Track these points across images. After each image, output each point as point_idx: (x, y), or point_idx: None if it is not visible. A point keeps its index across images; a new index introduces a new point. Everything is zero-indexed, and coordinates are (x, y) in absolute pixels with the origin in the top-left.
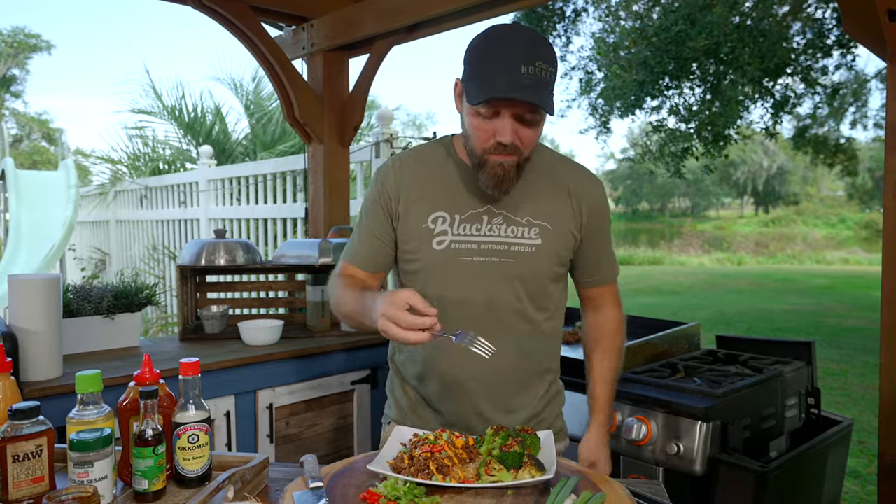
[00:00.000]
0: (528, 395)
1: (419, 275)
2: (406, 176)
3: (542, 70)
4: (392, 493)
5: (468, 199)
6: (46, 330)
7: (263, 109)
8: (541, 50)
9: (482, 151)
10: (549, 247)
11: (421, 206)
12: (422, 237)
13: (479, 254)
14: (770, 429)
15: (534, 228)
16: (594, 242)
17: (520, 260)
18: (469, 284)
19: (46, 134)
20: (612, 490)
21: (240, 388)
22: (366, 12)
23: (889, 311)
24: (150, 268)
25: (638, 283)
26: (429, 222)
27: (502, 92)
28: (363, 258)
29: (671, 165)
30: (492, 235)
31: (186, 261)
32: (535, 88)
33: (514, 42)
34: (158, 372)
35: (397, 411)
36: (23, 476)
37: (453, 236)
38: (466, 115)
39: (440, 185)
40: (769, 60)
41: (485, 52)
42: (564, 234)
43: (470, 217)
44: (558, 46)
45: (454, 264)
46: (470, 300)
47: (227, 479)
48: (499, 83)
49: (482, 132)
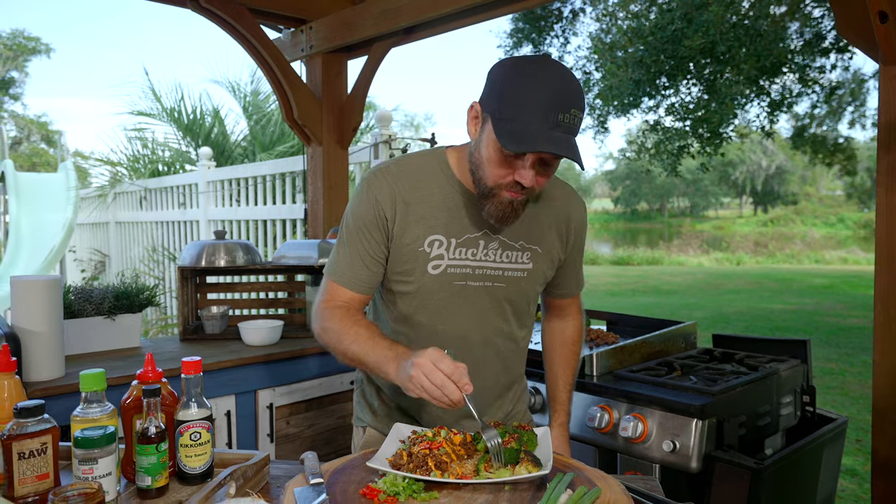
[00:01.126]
0: (504, 399)
1: (411, 297)
2: (401, 194)
3: (575, 117)
4: (391, 489)
5: (466, 222)
6: (48, 331)
7: (261, 111)
8: (576, 94)
9: (494, 186)
10: (539, 270)
11: (418, 227)
12: (417, 260)
13: (473, 278)
14: (766, 426)
15: (526, 253)
16: (572, 258)
17: (511, 284)
18: (460, 309)
19: (45, 136)
20: (607, 485)
21: (240, 388)
22: (364, 14)
23: (882, 310)
24: (149, 269)
25: (636, 283)
26: (425, 245)
27: (540, 145)
28: (361, 282)
29: (668, 164)
30: (487, 261)
31: (187, 262)
32: (568, 139)
33: (550, 84)
34: (161, 371)
35: (373, 417)
36: (28, 473)
37: (449, 260)
38: (485, 147)
39: (437, 206)
40: (765, 59)
41: (519, 89)
42: (552, 256)
43: (466, 241)
44: (556, 47)
45: (448, 288)
46: (460, 324)
47: (229, 476)
48: (535, 133)
49: (501, 169)
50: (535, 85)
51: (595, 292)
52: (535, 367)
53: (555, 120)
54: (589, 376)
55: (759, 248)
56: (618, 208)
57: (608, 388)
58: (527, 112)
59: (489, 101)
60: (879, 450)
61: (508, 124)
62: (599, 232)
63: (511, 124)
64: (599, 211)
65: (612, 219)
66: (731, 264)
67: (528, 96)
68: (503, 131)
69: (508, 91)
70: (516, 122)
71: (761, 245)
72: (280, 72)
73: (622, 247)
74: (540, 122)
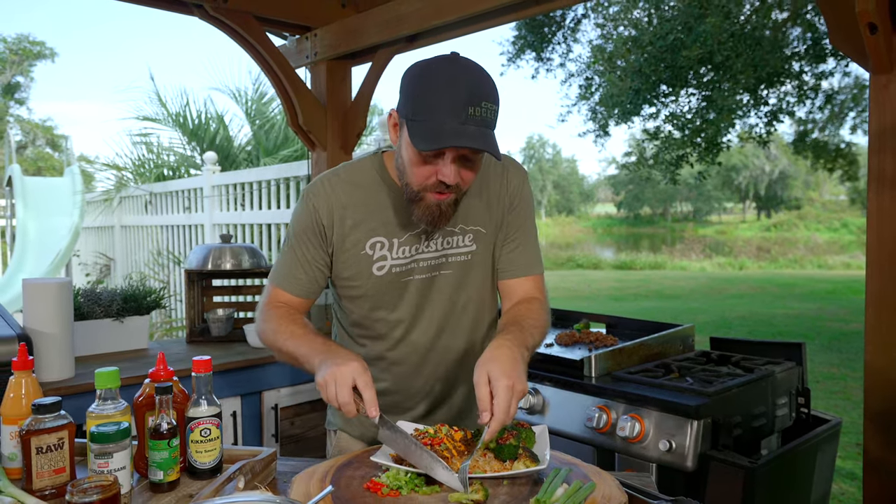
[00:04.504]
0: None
1: (362, 300)
2: (339, 200)
3: (487, 109)
4: (394, 483)
5: (405, 221)
6: (59, 332)
7: (265, 116)
8: (486, 87)
9: (420, 189)
10: (485, 249)
11: (357, 232)
12: (361, 263)
13: (418, 272)
14: (761, 427)
15: (468, 235)
16: (516, 226)
17: (457, 268)
18: (414, 304)
19: (51, 140)
20: (602, 480)
21: (246, 389)
22: (368, 23)
23: (873, 312)
24: (154, 273)
25: (639, 288)
26: (367, 248)
27: (451, 140)
28: (301, 285)
29: (666, 173)
30: (429, 251)
31: (193, 265)
32: (482, 132)
33: (458, 80)
34: (172, 370)
35: (343, 421)
36: (45, 467)
37: (393, 260)
38: (405, 150)
39: (375, 209)
40: (762, 69)
41: (427, 90)
42: (496, 232)
43: (408, 239)
44: (558, 54)
45: (397, 286)
46: (418, 318)
47: (238, 471)
48: (447, 130)
49: (422, 171)
50: (444, 83)
51: (598, 296)
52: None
53: (465, 115)
54: (588, 377)
55: (762, 253)
56: (621, 213)
57: (606, 389)
58: (437, 111)
59: (403, 107)
60: (871, 450)
61: (421, 125)
62: (602, 237)
63: (423, 124)
64: (602, 215)
65: (614, 223)
66: (733, 269)
67: (436, 95)
68: (416, 132)
69: (418, 93)
70: (428, 121)
71: (764, 250)
72: (285, 78)
73: (625, 251)
74: (451, 119)
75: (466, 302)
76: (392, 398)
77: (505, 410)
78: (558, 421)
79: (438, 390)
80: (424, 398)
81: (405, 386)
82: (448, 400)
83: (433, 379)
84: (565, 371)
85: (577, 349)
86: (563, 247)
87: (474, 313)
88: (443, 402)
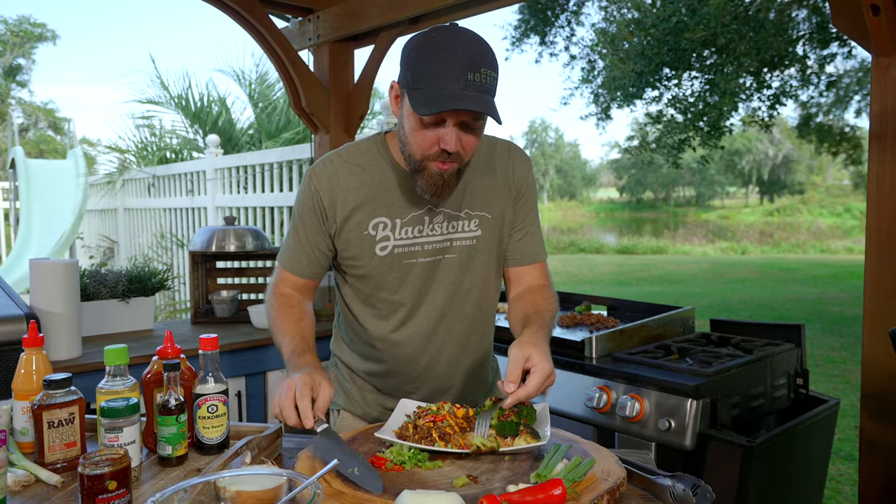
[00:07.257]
0: (477, 372)
1: (366, 280)
2: (340, 182)
3: (486, 76)
4: (398, 458)
5: (408, 202)
6: (66, 312)
7: (267, 99)
8: (485, 55)
9: (422, 158)
10: (490, 235)
11: (360, 213)
12: (363, 244)
13: (422, 255)
14: (759, 407)
15: (473, 220)
16: (523, 214)
17: (462, 253)
18: (417, 287)
19: (52, 123)
20: (601, 456)
21: (250, 370)
22: (370, 4)
23: (871, 294)
24: (158, 255)
25: (641, 272)
26: (370, 229)
27: (452, 104)
28: (304, 267)
29: (669, 157)
30: (434, 234)
31: (197, 247)
32: (482, 97)
33: (457, 48)
34: (179, 347)
35: (346, 399)
36: (57, 441)
37: (396, 241)
38: (406, 120)
39: (378, 189)
40: (765, 52)
41: (428, 58)
42: (505, 220)
43: (411, 220)
44: (562, 37)
45: (399, 267)
46: (421, 301)
47: (245, 446)
48: (446, 94)
49: (424, 139)
50: (443, 51)
51: (600, 281)
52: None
53: (465, 80)
54: (588, 358)
55: (765, 238)
56: (623, 197)
57: (607, 370)
58: (437, 78)
59: (404, 77)
60: (867, 429)
61: (421, 92)
62: (605, 221)
63: (424, 92)
64: (605, 200)
65: (617, 208)
66: (736, 254)
67: (436, 63)
68: (417, 99)
69: (418, 62)
70: (428, 88)
71: (767, 234)
72: (288, 61)
73: (627, 236)
74: (451, 85)
75: (470, 287)
76: (394, 380)
77: (536, 387)
78: (559, 401)
79: (440, 374)
80: (426, 381)
81: (407, 369)
82: (449, 383)
83: (435, 362)
84: (566, 352)
85: (578, 331)
86: (565, 231)
87: (477, 299)
88: (444, 385)
